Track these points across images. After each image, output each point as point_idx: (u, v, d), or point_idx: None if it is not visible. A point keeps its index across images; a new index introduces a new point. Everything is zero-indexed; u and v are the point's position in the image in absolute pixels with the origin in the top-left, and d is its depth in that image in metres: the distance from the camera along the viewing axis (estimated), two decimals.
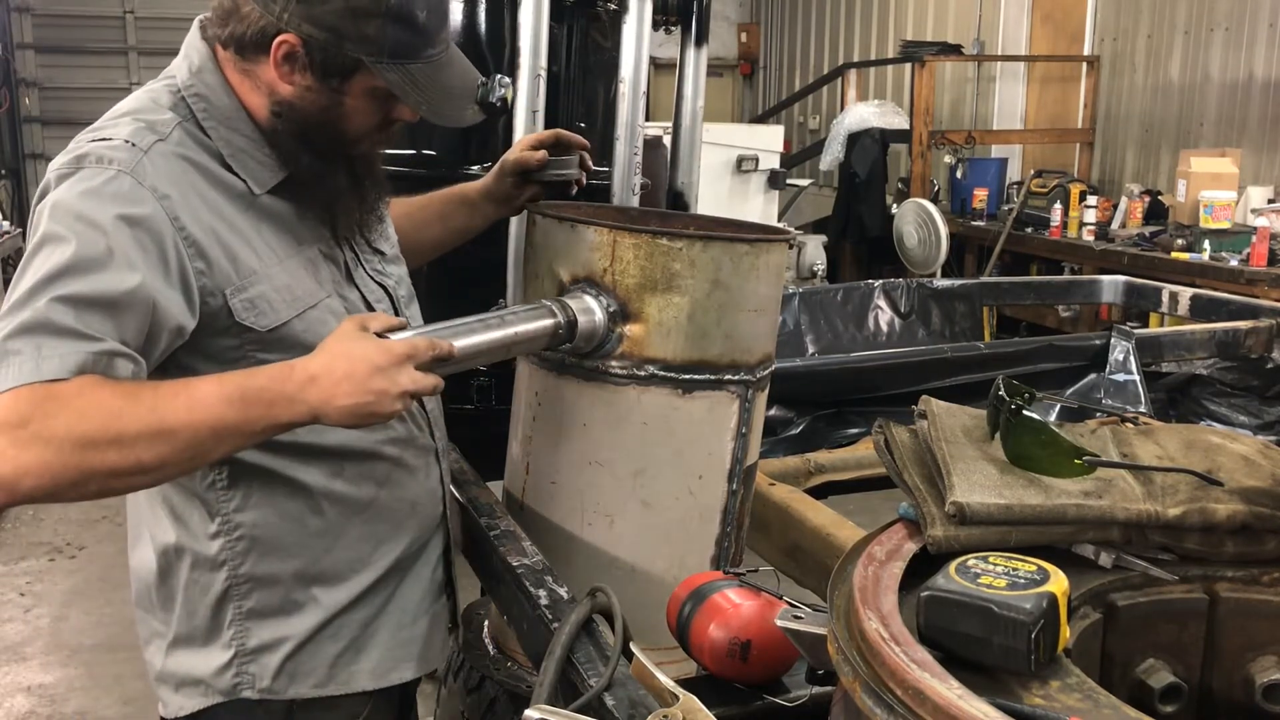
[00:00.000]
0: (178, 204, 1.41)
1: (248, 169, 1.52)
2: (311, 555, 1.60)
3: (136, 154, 1.41)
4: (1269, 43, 6.97)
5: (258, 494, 1.55)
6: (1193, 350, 3.34)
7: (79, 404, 1.26)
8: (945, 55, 9.19)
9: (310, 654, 1.62)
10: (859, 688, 1.00)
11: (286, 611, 1.60)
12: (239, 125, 1.51)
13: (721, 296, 1.69)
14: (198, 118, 1.50)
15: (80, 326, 1.30)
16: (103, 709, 3.77)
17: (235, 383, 1.36)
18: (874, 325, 4.11)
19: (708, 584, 1.50)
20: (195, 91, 1.51)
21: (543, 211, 1.80)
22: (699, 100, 2.41)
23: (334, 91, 1.49)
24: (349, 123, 1.53)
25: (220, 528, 1.55)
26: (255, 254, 1.49)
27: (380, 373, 1.37)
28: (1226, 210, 6.36)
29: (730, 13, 13.96)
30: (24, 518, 5.47)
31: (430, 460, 1.74)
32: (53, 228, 1.35)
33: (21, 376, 1.25)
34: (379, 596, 1.68)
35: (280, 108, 1.50)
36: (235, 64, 1.51)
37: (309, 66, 1.47)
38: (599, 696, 1.26)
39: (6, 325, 1.29)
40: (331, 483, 1.59)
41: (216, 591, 1.58)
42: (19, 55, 11.30)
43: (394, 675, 1.70)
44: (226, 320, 1.46)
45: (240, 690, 1.59)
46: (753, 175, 7.86)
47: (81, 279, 1.31)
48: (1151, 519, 1.23)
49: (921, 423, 1.36)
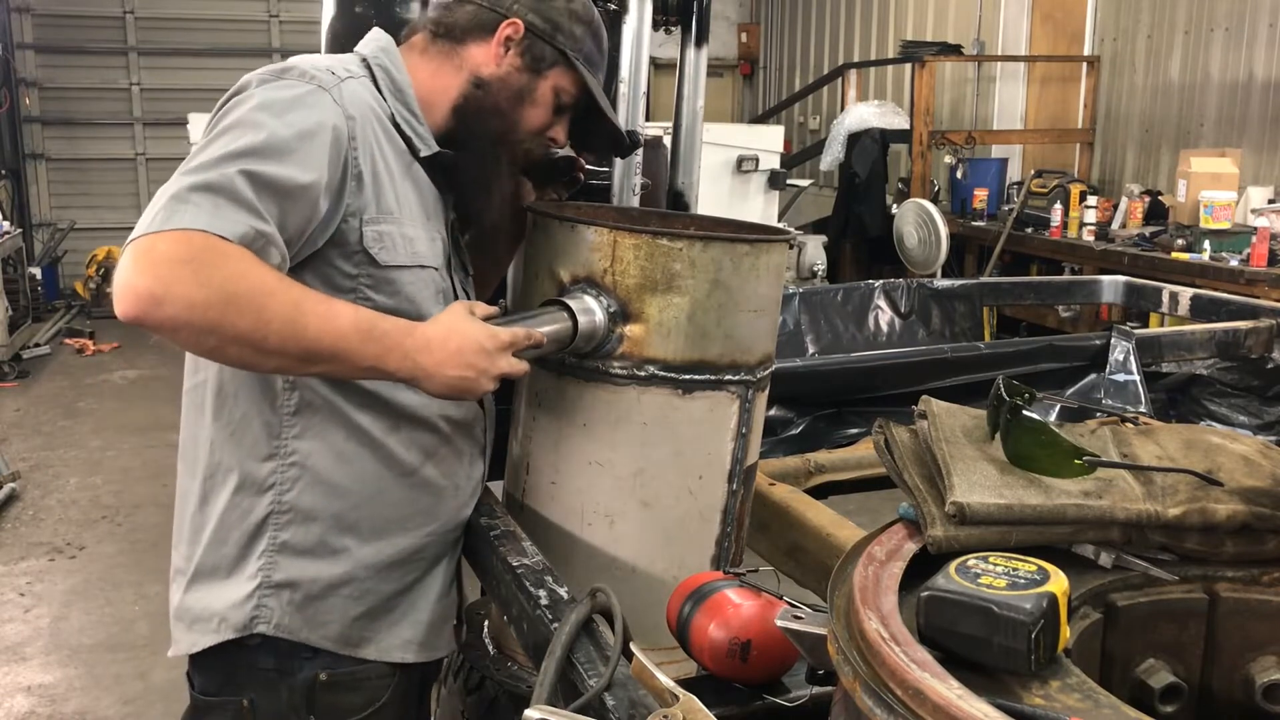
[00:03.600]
0: (358, 127, 1.57)
1: (410, 133, 1.68)
2: (353, 501, 1.66)
3: (335, 79, 1.58)
4: (1269, 43, 6.97)
5: (319, 425, 1.63)
6: (1193, 350, 3.34)
7: (239, 265, 1.37)
8: (945, 55, 9.20)
9: (331, 606, 1.66)
10: (859, 688, 1.00)
11: (317, 553, 1.64)
12: (408, 100, 1.69)
13: (721, 297, 1.70)
14: (377, 81, 1.67)
15: (256, 202, 1.40)
16: (103, 709, 3.77)
17: (368, 316, 1.50)
18: (874, 325, 4.10)
19: (708, 584, 1.50)
20: (380, 63, 1.70)
21: (543, 211, 1.80)
22: (699, 100, 2.41)
23: (533, 75, 1.72)
24: (529, 110, 1.74)
25: (276, 449, 1.62)
26: (396, 199, 1.63)
27: (486, 354, 1.54)
28: (1227, 210, 6.37)
29: (730, 13, 13.97)
30: (24, 518, 5.47)
31: (477, 454, 1.83)
32: (251, 115, 1.46)
33: (199, 222, 1.35)
34: (405, 574, 1.73)
35: (481, 81, 1.71)
36: (439, 49, 1.72)
37: (523, 50, 1.71)
38: (599, 696, 1.26)
39: (191, 179, 1.38)
40: (387, 438, 1.66)
41: (257, 517, 1.62)
42: (19, 55, 11.31)
43: (396, 654, 1.74)
44: (355, 245, 1.57)
45: (255, 625, 1.62)
46: (753, 175, 7.86)
47: (268, 162, 1.42)
48: (1151, 519, 1.23)
49: (921, 423, 1.36)
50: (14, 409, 7.45)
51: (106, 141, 11.66)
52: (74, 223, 11.09)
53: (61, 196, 11.54)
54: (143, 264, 1.33)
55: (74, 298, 10.91)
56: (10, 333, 8.49)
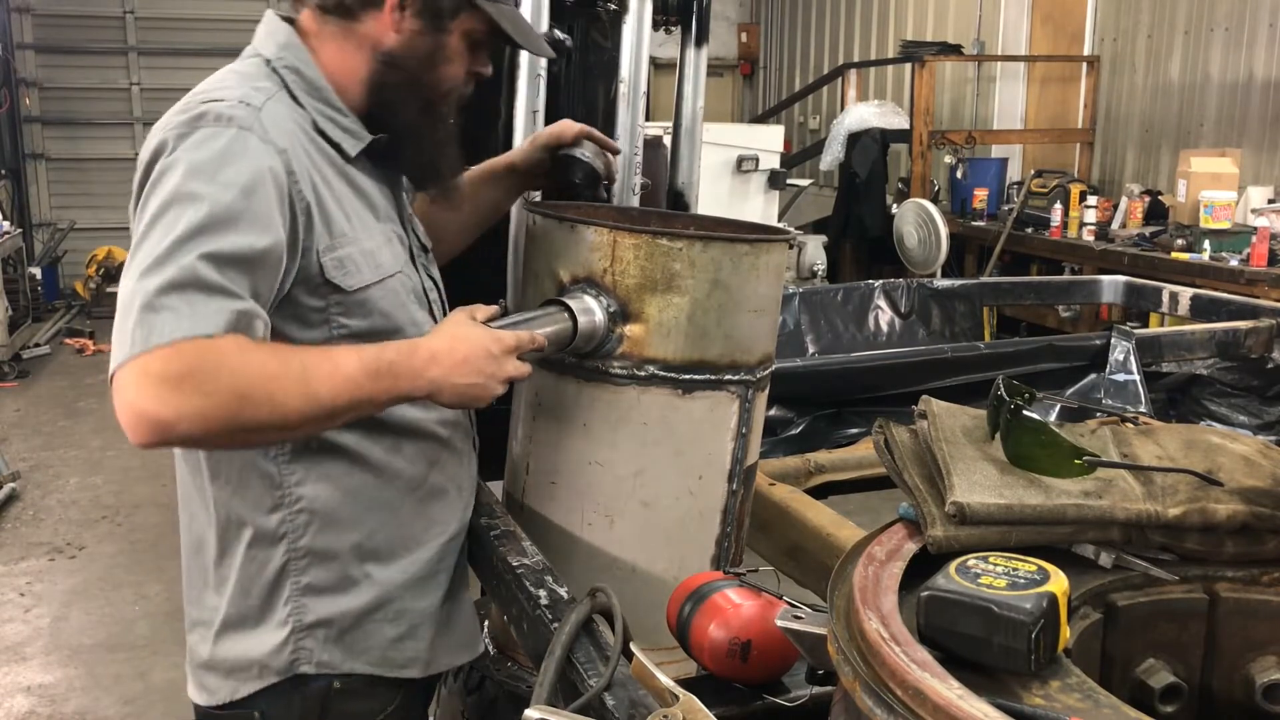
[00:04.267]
0: (292, 158, 1.48)
1: (338, 135, 1.60)
2: (368, 530, 1.63)
3: (253, 112, 1.47)
4: (1269, 43, 6.97)
5: (320, 467, 1.59)
6: (1193, 350, 3.34)
7: (237, 360, 1.33)
8: (945, 55, 9.19)
9: (369, 633, 1.64)
10: (859, 688, 1.00)
11: (342, 588, 1.62)
12: (325, 95, 1.60)
13: (721, 296, 1.70)
14: (290, 88, 1.57)
15: (227, 284, 1.35)
16: (103, 709, 3.77)
17: (372, 355, 1.45)
18: (874, 325, 4.11)
19: (708, 584, 1.50)
20: (286, 64, 1.59)
21: (543, 211, 1.80)
22: (699, 100, 2.41)
23: (439, 33, 1.60)
24: (448, 68, 1.64)
25: (281, 500, 1.58)
26: (346, 217, 1.56)
27: (493, 359, 1.52)
28: (1227, 210, 6.37)
29: (730, 13, 13.96)
30: (24, 518, 5.47)
31: (469, 447, 1.81)
32: (186, 187, 1.38)
33: (180, 330, 1.30)
34: (437, 586, 1.72)
35: (387, 57, 1.60)
36: (334, 29, 1.60)
37: (420, 10, 1.58)
38: (599, 696, 1.26)
39: (154, 280, 1.33)
40: (390, 458, 1.64)
41: (275, 567, 1.59)
42: (19, 55, 11.30)
43: (443, 663, 1.74)
44: (317, 278, 1.52)
45: (298, 666, 1.60)
46: (753, 175, 7.87)
47: (220, 236, 1.36)
48: (1151, 519, 1.23)
49: (921, 423, 1.36)
50: (14, 409, 7.45)
51: (106, 141, 11.65)
52: (74, 223, 11.09)
53: (61, 196, 11.53)
54: (143, 391, 1.29)
55: (74, 298, 10.91)
56: (10, 333, 8.49)
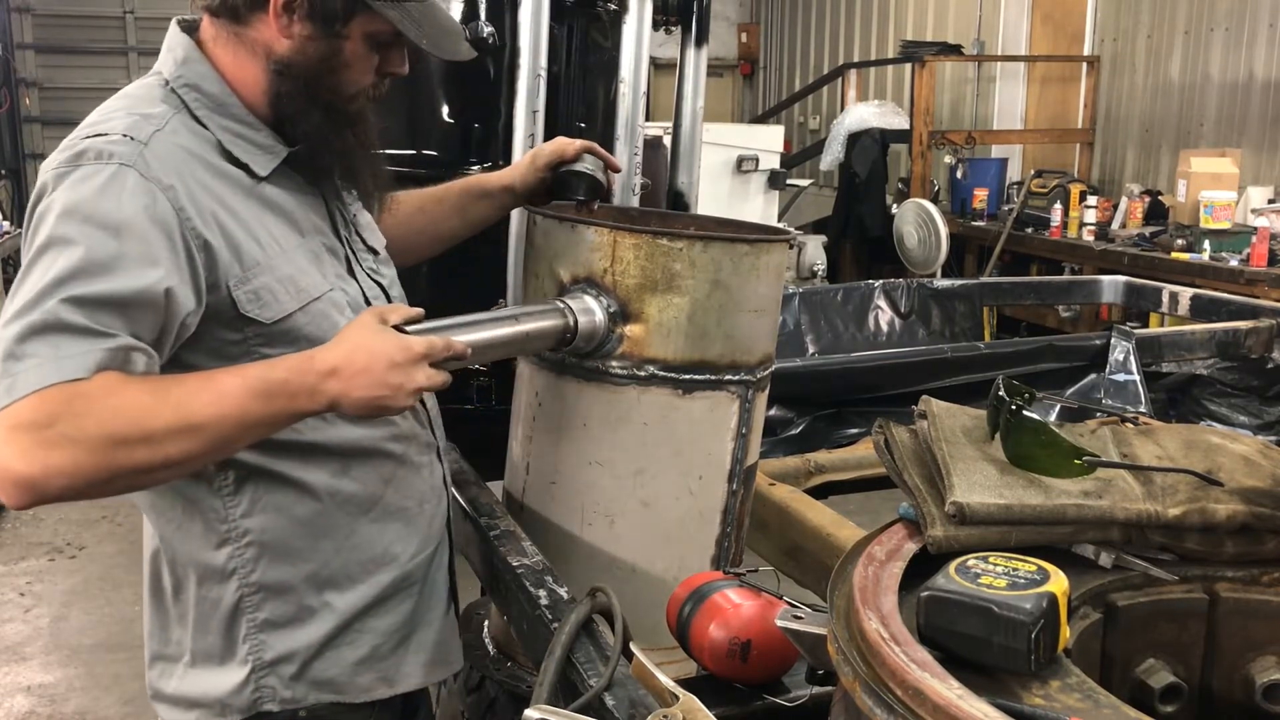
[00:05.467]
0: (181, 194, 1.39)
1: (248, 153, 1.50)
2: (322, 558, 1.57)
3: (136, 147, 1.38)
4: (1269, 43, 6.96)
5: (264, 498, 1.52)
6: (1193, 350, 3.34)
7: (107, 402, 1.25)
8: (945, 55, 9.19)
9: (330, 661, 1.59)
10: (859, 688, 1.00)
11: (301, 619, 1.56)
12: (232, 110, 1.50)
13: (722, 297, 1.69)
14: (190, 108, 1.48)
15: (93, 324, 1.28)
16: (103, 709, 3.77)
17: (257, 375, 1.36)
18: (874, 325, 4.11)
19: (708, 584, 1.50)
20: (185, 82, 1.49)
21: (543, 212, 1.80)
22: (699, 100, 2.41)
23: (334, 38, 1.48)
24: (348, 73, 1.52)
25: (227, 535, 1.52)
26: (259, 245, 1.47)
27: (397, 369, 1.39)
28: (1226, 210, 6.36)
29: (730, 13, 13.96)
30: (24, 518, 5.46)
31: (433, 458, 1.73)
32: (59, 230, 1.31)
33: (44, 378, 1.23)
34: (399, 604, 1.65)
35: (280, 65, 1.48)
36: (227, 35, 1.49)
37: (309, 14, 1.46)
38: (599, 696, 1.26)
39: (16, 327, 1.26)
40: (338, 481, 1.56)
41: (228, 604, 1.54)
42: (19, 55, 11.29)
43: (414, 680, 1.68)
44: (230, 313, 1.44)
45: (261, 704, 1.55)
46: (753, 175, 7.86)
47: (91, 281, 1.29)
48: (1151, 519, 1.23)
49: (921, 423, 1.36)
50: None
51: None
52: None
53: None
54: (8, 448, 1.22)
55: None
56: None
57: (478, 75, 2.27)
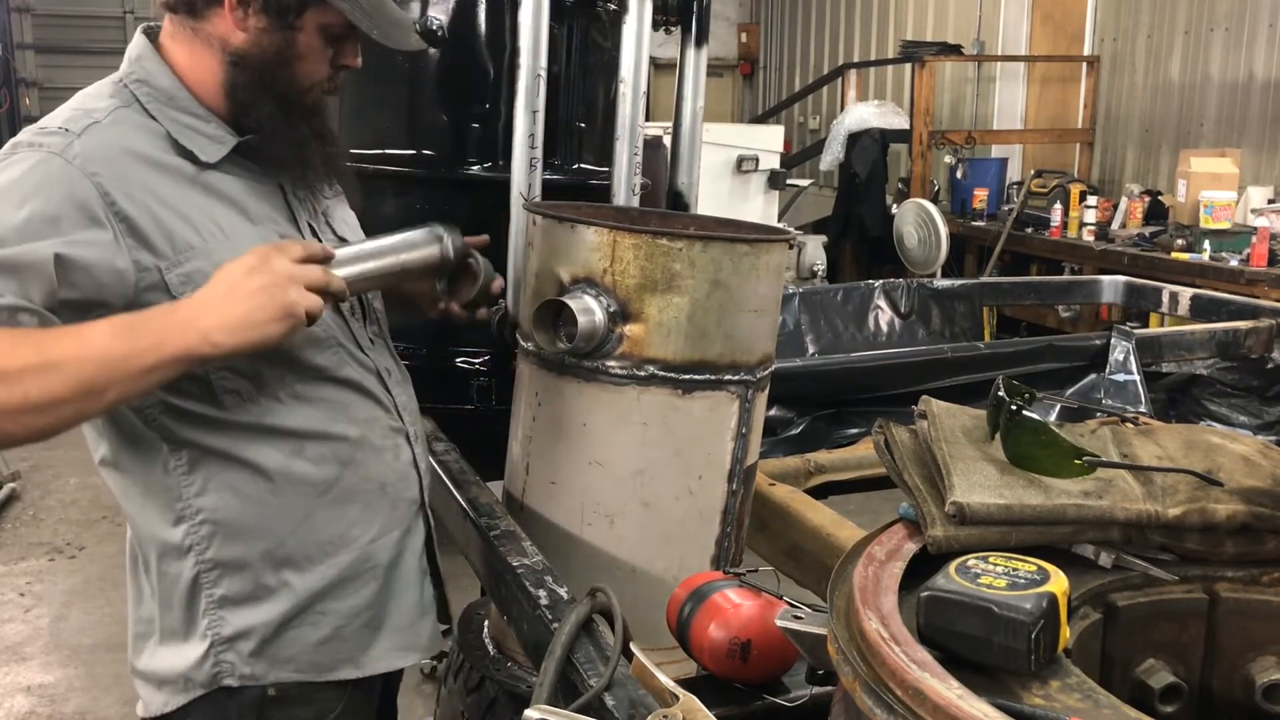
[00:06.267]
0: (107, 181, 1.43)
1: (195, 143, 1.54)
2: (277, 538, 1.60)
3: (68, 138, 1.44)
4: (1269, 43, 6.97)
5: (217, 477, 1.57)
6: (1193, 350, 3.34)
7: None
8: (945, 55, 9.20)
9: (291, 640, 1.63)
10: (859, 688, 1.00)
11: (259, 597, 1.61)
12: (183, 103, 1.55)
13: (721, 297, 1.70)
14: (141, 101, 1.53)
15: None
16: (103, 709, 3.77)
17: (123, 318, 1.38)
18: (874, 325, 4.11)
19: (708, 584, 1.50)
20: (136, 78, 1.55)
21: (543, 211, 1.80)
22: (699, 100, 2.41)
23: (288, 29, 1.53)
24: (302, 65, 1.56)
25: (183, 513, 1.57)
26: (196, 231, 1.50)
27: (254, 272, 1.39)
28: (1226, 210, 6.37)
29: (730, 13, 13.96)
30: (24, 518, 5.47)
31: (400, 442, 1.74)
32: None
33: None
34: (363, 586, 1.68)
35: (235, 57, 1.53)
36: (185, 31, 1.55)
37: (263, 7, 1.51)
38: (599, 696, 1.26)
39: None
40: (292, 463, 1.59)
41: (187, 580, 1.59)
42: (19, 55, 11.31)
43: (381, 664, 1.71)
44: (164, 296, 1.46)
45: (221, 679, 1.60)
46: (753, 175, 7.87)
47: None
48: (1151, 519, 1.23)
49: (921, 423, 1.36)
50: None
51: None
52: None
53: None
54: None
55: None
56: None
57: (478, 75, 2.27)
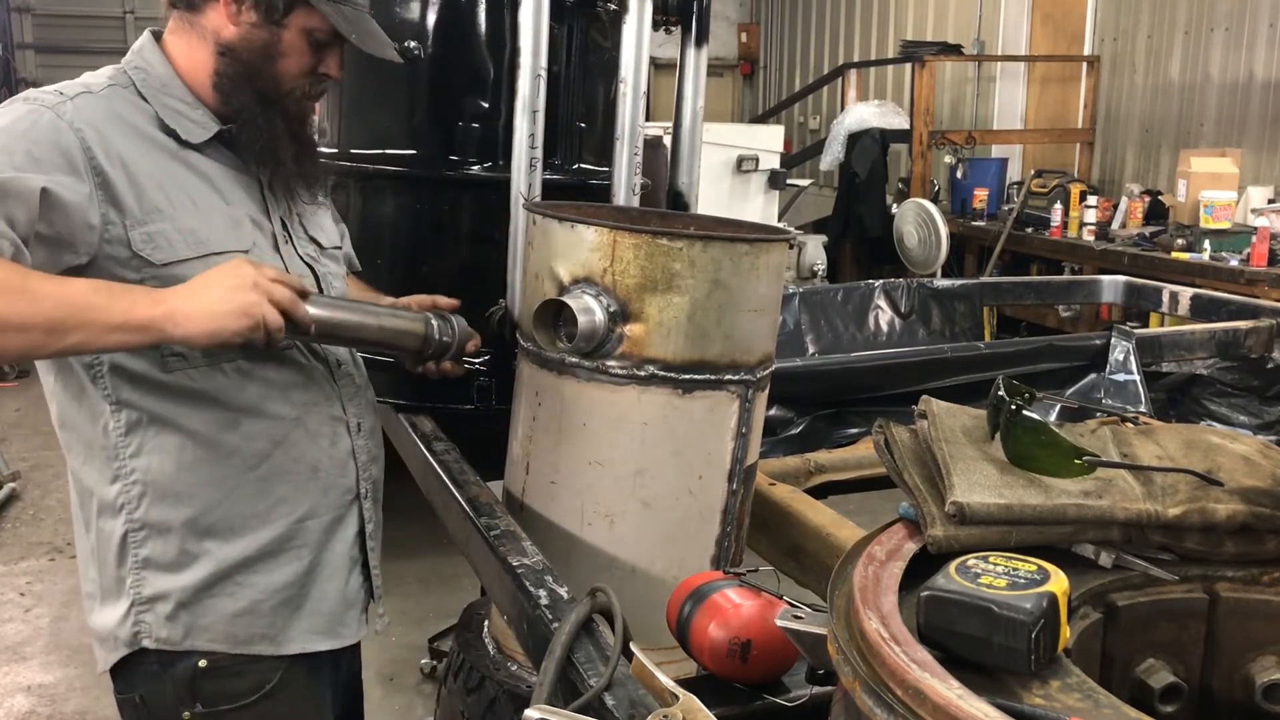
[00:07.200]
0: (90, 138, 1.55)
1: (181, 125, 1.66)
2: (203, 505, 1.67)
3: (62, 99, 1.57)
4: (1269, 43, 6.97)
5: (152, 440, 1.64)
6: (1193, 350, 3.34)
7: None
8: (945, 55, 9.19)
9: (207, 608, 1.69)
10: (859, 688, 1.00)
11: (181, 563, 1.67)
12: (174, 90, 1.68)
13: (721, 296, 1.70)
14: (136, 85, 1.66)
15: None
16: (103, 709, 3.76)
17: (106, 282, 1.50)
18: (874, 325, 4.11)
19: (708, 584, 1.50)
20: (135, 65, 1.69)
21: (543, 211, 1.80)
22: (699, 100, 2.41)
23: (275, 26, 1.66)
24: (284, 62, 1.68)
25: (118, 472, 1.65)
26: (166, 197, 1.61)
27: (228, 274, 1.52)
28: (1227, 210, 6.36)
29: (730, 13, 13.96)
30: (24, 518, 5.47)
31: (340, 430, 1.80)
32: None
33: None
34: (285, 564, 1.74)
35: (224, 48, 1.66)
36: (184, 24, 1.68)
37: (255, 3, 1.64)
38: (599, 696, 1.26)
39: None
40: (225, 434, 1.67)
41: (117, 538, 1.66)
42: (19, 55, 11.31)
43: (296, 645, 1.76)
44: (125, 251, 1.56)
45: (140, 639, 1.67)
46: (753, 175, 7.86)
47: None
48: (1151, 519, 1.23)
49: (921, 423, 1.36)
50: (14, 409, 7.45)
51: None
52: None
53: None
54: None
55: None
56: None
57: (478, 75, 2.27)
